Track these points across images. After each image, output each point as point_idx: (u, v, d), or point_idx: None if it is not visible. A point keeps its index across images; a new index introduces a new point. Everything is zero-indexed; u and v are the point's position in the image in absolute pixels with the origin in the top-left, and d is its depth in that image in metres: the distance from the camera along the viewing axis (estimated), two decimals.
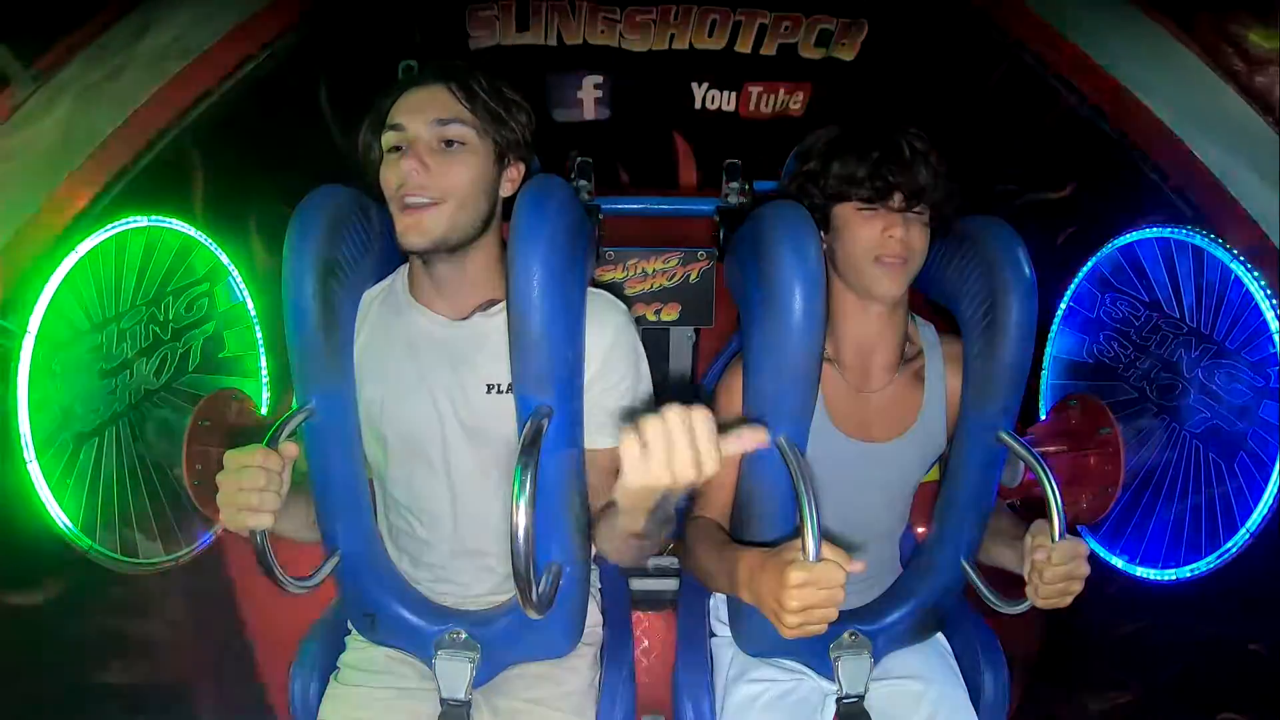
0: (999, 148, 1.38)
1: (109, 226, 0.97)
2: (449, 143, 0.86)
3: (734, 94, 1.54)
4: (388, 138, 0.87)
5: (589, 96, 1.54)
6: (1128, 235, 1.11)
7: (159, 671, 1.13)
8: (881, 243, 0.92)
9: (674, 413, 0.62)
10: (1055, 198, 1.27)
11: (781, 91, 1.53)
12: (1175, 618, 1.08)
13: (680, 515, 1.05)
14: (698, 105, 1.55)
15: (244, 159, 1.19)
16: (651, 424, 0.62)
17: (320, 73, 1.32)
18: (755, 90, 1.53)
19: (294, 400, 0.89)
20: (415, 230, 0.84)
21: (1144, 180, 1.05)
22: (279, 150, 1.26)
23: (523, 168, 0.94)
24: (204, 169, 1.12)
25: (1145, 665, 1.16)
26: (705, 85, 1.54)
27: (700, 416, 0.63)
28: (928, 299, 1.06)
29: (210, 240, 1.16)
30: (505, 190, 0.92)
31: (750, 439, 0.67)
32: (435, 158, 0.85)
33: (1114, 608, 1.15)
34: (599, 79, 1.52)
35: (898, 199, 0.92)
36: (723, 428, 0.98)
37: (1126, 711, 1.18)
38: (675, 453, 0.62)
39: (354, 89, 1.30)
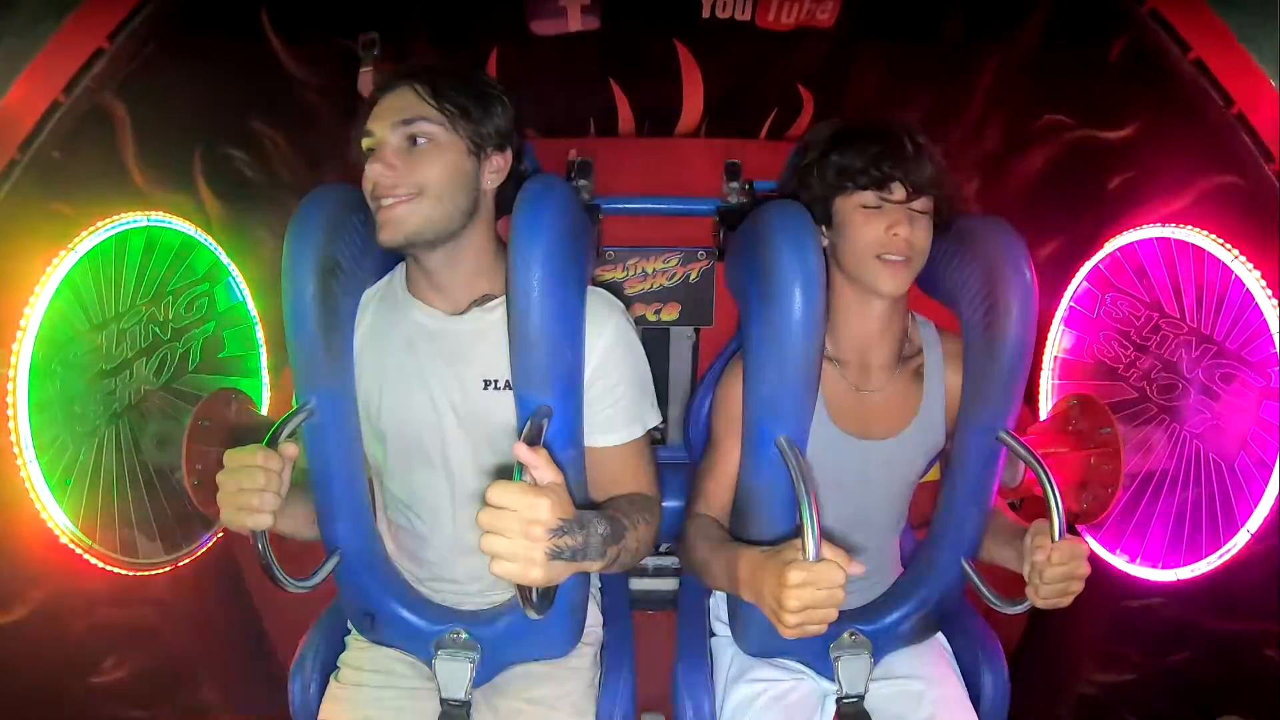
0: (1054, 76, 1.25)
1: (109, 226, 0.97)
2: (415, 141, 0.86)
3: (750, 1, 1.34)
4: (364, 143, 0.88)
5: (574, 4, 1.34)
6: (1127, 235, 1.11)
7: (156, 671, 1.13)
8: (885, 240, 0.91)
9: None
10: (1115, 136, 1.13)
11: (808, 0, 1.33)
12: (1175, 617, 1.08)
13: (680, 513, 1.05)
14: (706, 14, 1.36)
15: (169, 105, 1.05)
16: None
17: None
18: None
19: (294, 400, 0.89)
20: (389, 225, 0.85)
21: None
22: (212, 87, 1.14)
23: (508, 155, 0.93)
24: (130, 124, 1.00)
25: (1144, 665, 1.15)
26: None
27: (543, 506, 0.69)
28: (929, 297, 1.05)
29: (210, 240, 1.16)
30: (489, 182, 0.91)
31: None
32: (402, 157, 0.85)
33: (1114, 608, 1.15)
34: None
35: (898, 191, 0.91)
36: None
37: (1125, 712, 1.18)
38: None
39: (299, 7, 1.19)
